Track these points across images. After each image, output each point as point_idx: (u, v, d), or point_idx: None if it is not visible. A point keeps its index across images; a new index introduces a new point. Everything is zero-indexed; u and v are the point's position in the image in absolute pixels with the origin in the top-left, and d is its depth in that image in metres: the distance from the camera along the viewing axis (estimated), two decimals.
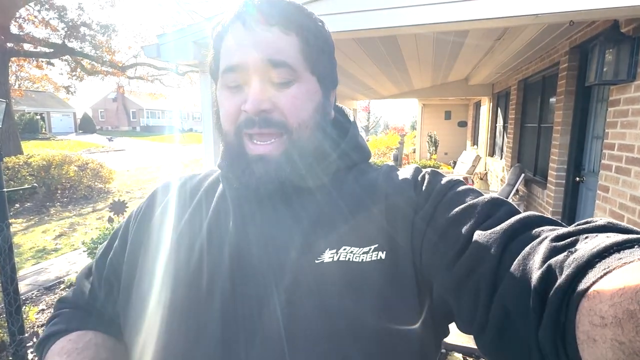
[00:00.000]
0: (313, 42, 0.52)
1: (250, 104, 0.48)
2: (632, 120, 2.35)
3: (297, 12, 0.52)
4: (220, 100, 0.53)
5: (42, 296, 3.37)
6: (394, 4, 2.24)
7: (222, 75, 0.52)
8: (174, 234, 0.55)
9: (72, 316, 0.62)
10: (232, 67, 0.50)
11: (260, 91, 0.49)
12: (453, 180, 0.53)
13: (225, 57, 0.51)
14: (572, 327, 0.29)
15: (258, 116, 0.49)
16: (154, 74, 14.89)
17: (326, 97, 0.56)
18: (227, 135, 0.53)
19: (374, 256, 0.47)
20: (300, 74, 0.51)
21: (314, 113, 0.53)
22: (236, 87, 0.51)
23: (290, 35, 0.50)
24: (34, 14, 10.83)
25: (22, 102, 27.65)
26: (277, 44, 0.49)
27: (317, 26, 0.54)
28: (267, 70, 0.49)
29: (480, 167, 7.93)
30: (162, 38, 2.80)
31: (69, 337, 0.57)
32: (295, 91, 0.51)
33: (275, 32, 0.50)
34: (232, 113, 0.51)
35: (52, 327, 0.60)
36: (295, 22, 0.51)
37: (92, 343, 0.56)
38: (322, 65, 0.54)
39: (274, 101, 0.50)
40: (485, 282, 0.38)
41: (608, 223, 0.35)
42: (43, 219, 6.32)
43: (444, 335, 0.53)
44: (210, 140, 2.98)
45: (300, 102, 0.51)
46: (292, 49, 0.50)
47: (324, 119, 0.55)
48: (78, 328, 0.59)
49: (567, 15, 2.03)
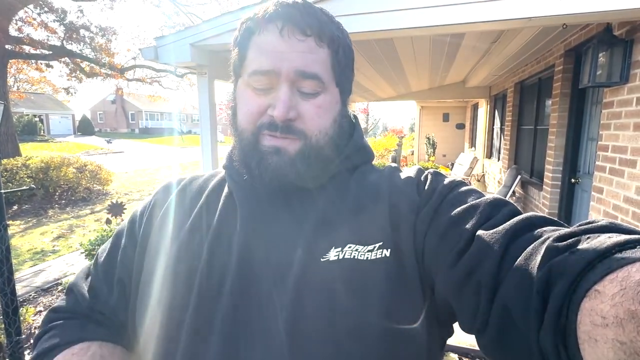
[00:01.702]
0: (342, 54, 0.53)
1: (279, 112, 0.49)
2: (625, 122, 2.38)
3: (330, 22, 0.53)
4: (243, 98, 0.53)
5: (39, 298, 3.37)
6: (390, 7, 2.27)
7: (250, 75, 0.51)
8: (181, 234, 0.55)
9: (72, 327, 0.57)
10: (263, 72, 0.50)
11: (289, 99, 0.49)
12: (455, 181, 0.53)
13: (256, 59, 0.51)
14: (574, 327, 0.29)
15: (283, 123, 0.50)
16: (153, 76, 14.90)
17: (343, 106, 0.57)
18: (244, 132, 0.53)
19: (378, 254, 0.48)
20: (327, 85, 0.52)
21: (333, 122, 0.54)
22: (262, 89, 0.51)
23: (323, 48, 0.51)
24: (32, 16, 10.84)
25: (20, 104, 27.60)
26: (311, 56, 0.50)
27: (345, 37, 0.55)
28: (298, 80, 0.50)
29: (477, 168, 7.95)
30: (160, 40, 2.82)
31: (71, 350, 0.53)
32: (320, 101, 0.51)
33: (311, 42, 0.50)
34: (255, 113, 0.51)
35: (48, 340, 0.55)
36: (328, 33, 0.51)
37: (97, 356, 0.53)
38: (346, 77, 0.56)
39: (298, 109, 0.51)
40: (486, 282, 0.38)
41: (610, 223, 0.35)
42: (41, 221, 6.32)
43: (449, 335, 0.53)
44: (208, 142, 2.99)
45: (323, 111, 0.52)
46: (324, 62, 0.51)
47: (340, 128, 0.56)
48: (81, 339, 0.55)
49: (559, 18, 2.05)
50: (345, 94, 0.57)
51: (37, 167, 7.38)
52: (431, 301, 0.47)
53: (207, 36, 2.68)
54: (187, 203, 0.59)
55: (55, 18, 11.28)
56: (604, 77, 2.44)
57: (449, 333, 0.53)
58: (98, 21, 36.34)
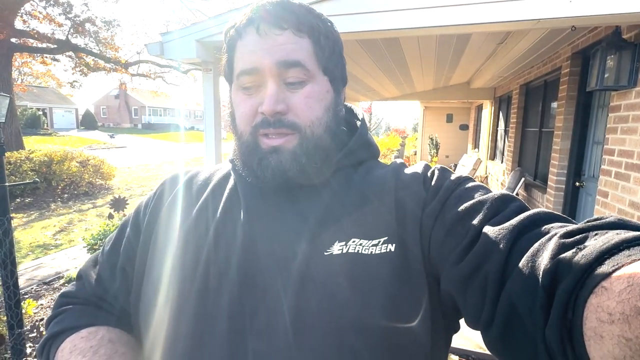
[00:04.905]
0: (324, 43, 0.54)
1: (266, 106, 0.50)
2: (632, 126, 2.36)
3: (308, 14, 0.53)
4: (236, 102, 0.54)
5: (41, 291, 3.38)
6: (396, 7, 2.25)
7: (238, 77, 0.53)
8: (182, 228, 0.55)
9: (80, 312, 0.58)
10: (247, 71, 0.51)
11: (276, 93, 0.50)
12: (462, 176, 0.53)
13: (240, 62, 0.52)
14: (580, 323, 0.28)
15: (273, 117, 0.50)
16: (157, 71, 14.91)
17: (337, 95, 0.57)
18: (243, 135, 0.54)
19: (383, 248, 0.47)
20: (313, 74, 0.52)
21: (325, 112, 0.54)
22: (251, 88, 0.52)
23: (303, 38, 0.52)
24: (38, 9, 10.86)
25: (24, 97, 27.72)
26: (290, 47, 0.51)
27: (327, 27, 0.55)
28: (282, 72, 0.51)
29: (481, 170, 7.93)
30: (166, 36, 2.82)
31: (80, 334, 0.54)
32: (308, 91, 0.52)
33: (288, 35, 0.51)
34: (249, 114, 0.52)
35: (57, 324, 0.56)
36: (307, 24, 0.52)
37: (106, 339, 0.54)
38: (333, 64, 0.56)
39: (287, 102, 0.51)
40: (493, 277, 0.38)
41: (618, 220, 0.35)
42: (43, 214, 6.34)
43: (455, 331, 0.53)
44: (211, 138, 2.99)
45: (313, 101, 0.52)
46: (305, 51, 0.52)
47: (335, 117, 0.56)
48: (89, 324, 0.56)
49: (568, 20, 2.03)
50: (336, 82, 0.57)
51: (40, 160, 7.40)
52: (437, 296, 0.47)
53: (213, 32, 2.67)
54: (194, 192, 0.60)
55: (60, 11, 11.30)
56: (612, 81, 2.42)
57: (454, 328, 0.53)
58: (103, 14, 36.41)
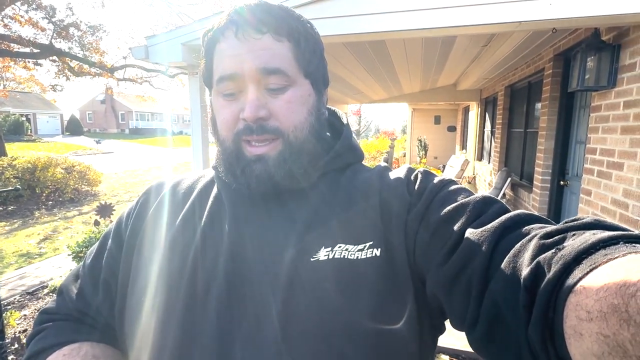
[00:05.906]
0: (304, 46, 0.53)
1: (248, 112, 0.49)
2: (612, 125, 2.42)
3: (287, 16, 0.52)
4: (217, 108, 0.53)
5: (24, 301, 3.29)
6: (382, 9, 2.27)
7: (217, 83, 0.52)
8: (167, 236, 0.54)
9: (61, 328, 0.57)
10: (227, 76, 0.50)
11: (257, 99, 0.50)
12: (445, 179, 0.54)
13: (219, 67, 0.51)
14: (560, 321, 0.29)
15: (255, 124, 0.50)
16: (144, 75, 14.72)
17: (319, 98, 0.57)
18: (225, 141, 0.53)
19: (369, 253, 0.48)
20: (294, 78, 0.51)
21: (308, 116, 0.53)
22: (232, 94, 0.51)
23: (282, 42, 0.51)
24: (20, 13, 10.63)
25: (7, 103, 27.07)
26: (270, 52, 0.50)
27: (307, 28, 0.55)
28: (262, 78, 0.50)
29: (468, 171, 8.03)
30: (151, 40, 2.79)
31: (62, 351, 0.53)
32: (290, 96, 0.51)
33: (268, 39, 0.50)
34: (230, 121, 0.51)
35: (38, 342, 0.55)
36: (286, 27, 0.51)
37: (89, 355, 0.53)
38: (314, 67, 0.55)
39: (269, 107, 0.50)
40: (476, 278, 0.39)
41: (594, 220, 0.36)
42: (27, 222, 6.18)
43: (440, 332, 0.53)
44: (199, 143, 2.96)
45: (295, 106, 0.52)
46: (285, 55, 0.51)
47: (318, 119, 0.56)
48: (71, 340, 0.55)
49: (549, 22, 2.08)
50: (318, 85, 0.56)
51: (23, 167, 7.23)
52: (423, 298, 0.48)
53: (199, 36, 2.63)
54: (179, 200, 0.59)
55: (43, 16, 11.09)
56: (592, 82, 2.49)
57: (440, 330, 0.53)
58: (88, 19, 35.94)
